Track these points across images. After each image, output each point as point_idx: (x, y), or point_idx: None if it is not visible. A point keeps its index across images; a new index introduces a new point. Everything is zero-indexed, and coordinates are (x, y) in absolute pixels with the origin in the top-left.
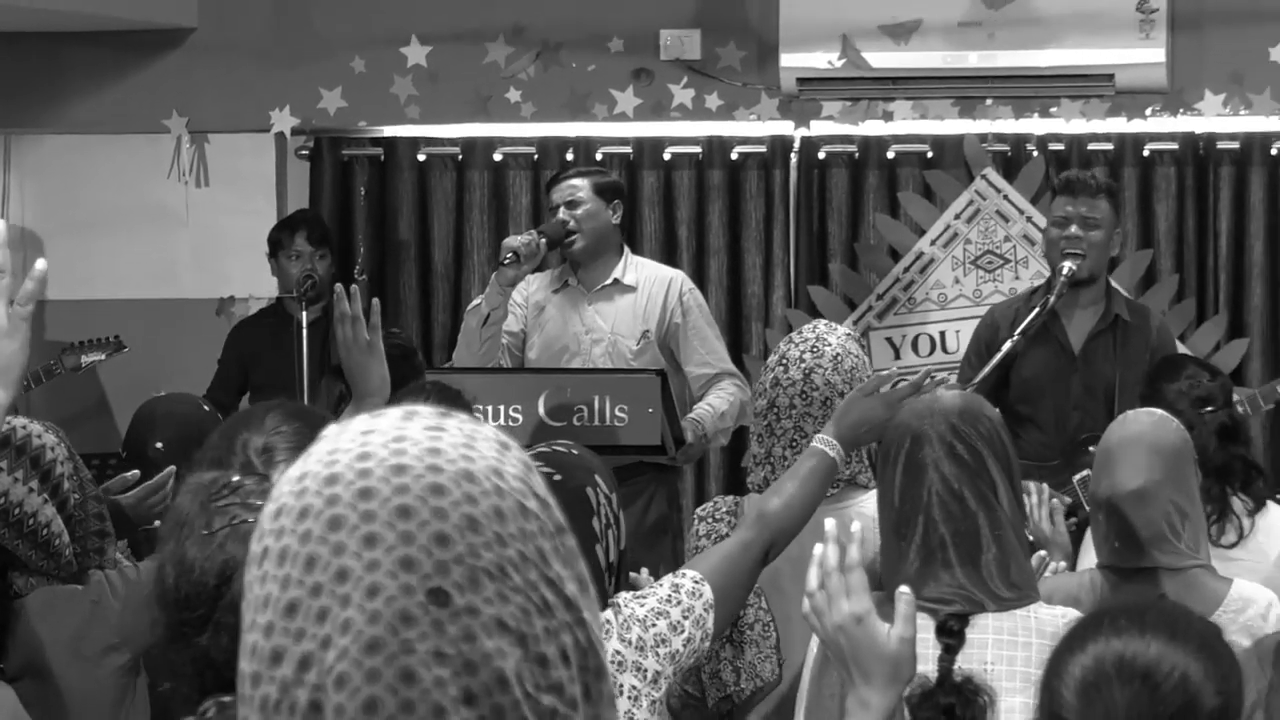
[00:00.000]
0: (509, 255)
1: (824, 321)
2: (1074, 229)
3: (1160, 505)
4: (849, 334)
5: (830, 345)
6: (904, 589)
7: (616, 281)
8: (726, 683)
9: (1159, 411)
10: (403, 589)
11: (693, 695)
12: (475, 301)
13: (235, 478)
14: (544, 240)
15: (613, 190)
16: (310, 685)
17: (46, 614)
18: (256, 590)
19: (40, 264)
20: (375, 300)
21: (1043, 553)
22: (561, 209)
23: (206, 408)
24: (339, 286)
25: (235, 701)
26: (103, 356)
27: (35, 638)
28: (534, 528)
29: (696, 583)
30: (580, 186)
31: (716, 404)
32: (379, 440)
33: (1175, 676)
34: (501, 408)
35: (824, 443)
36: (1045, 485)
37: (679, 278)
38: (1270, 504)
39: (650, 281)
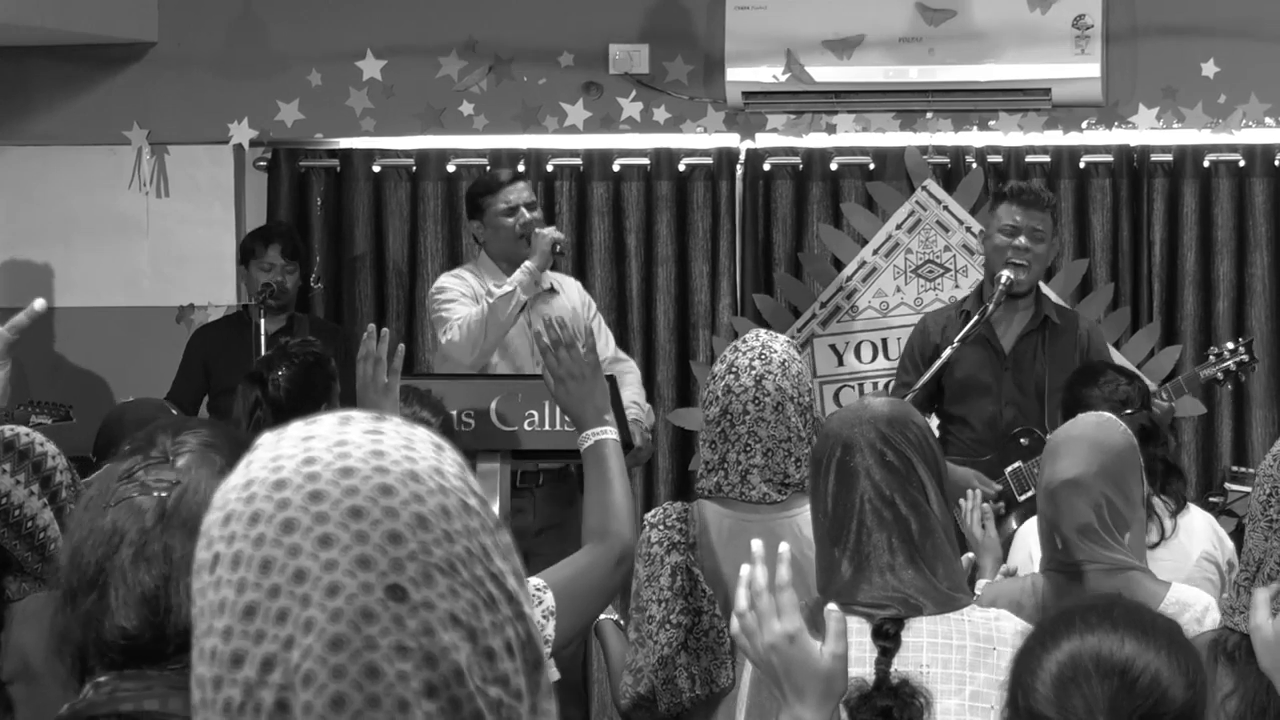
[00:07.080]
0: (560, 246)
1: (764, 330)
2: (1022, 240)
3: (1092, 496)
4: (789, 341)
5: (776, 352)
6: (832, 607)
7: (552, 288)
8: (681, 689)
9: (1108, 414)
10: (362, 587)
11: (644, 698)
12: (506, 289)
13: (144, 464)
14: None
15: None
16: (275, 685)
17: (35, 619)
18: (210, 596)
19: (39, 302)
20: (401, 346)
21: (970, 555)
22: (522, 209)
23: (174, 412)
24: (370, 326)
25: (110, 681)
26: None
27: (25, 642)
28: (476, 524)
29: (538, 590)
30: (527, 188)
31: (639, 399)
32: (321, 445)
33: (1150, 671)
34: (454, 413)
35: (588, 437)
36: (979, 490)
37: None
38: (1191, 505)
39: (560, 282)
